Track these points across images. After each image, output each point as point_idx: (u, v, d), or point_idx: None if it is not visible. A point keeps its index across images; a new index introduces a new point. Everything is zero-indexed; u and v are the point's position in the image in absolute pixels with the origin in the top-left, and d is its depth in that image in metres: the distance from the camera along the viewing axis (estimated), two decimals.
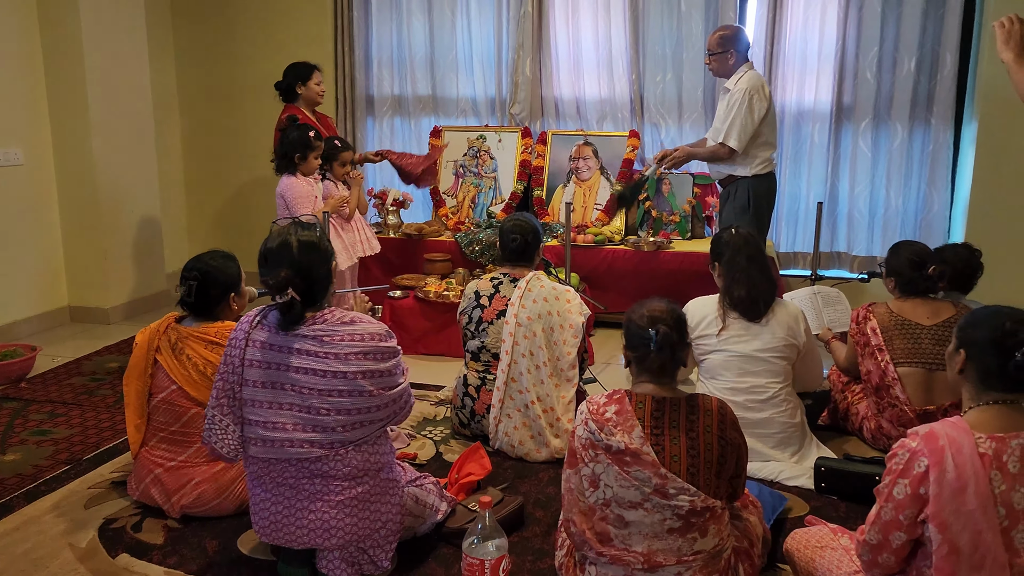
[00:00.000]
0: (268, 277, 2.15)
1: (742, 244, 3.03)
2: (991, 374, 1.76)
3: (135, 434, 2.69)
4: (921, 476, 1.72)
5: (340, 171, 4.33)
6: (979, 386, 1.79)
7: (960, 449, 1.70)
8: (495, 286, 3.24)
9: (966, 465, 1.68)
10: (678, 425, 1.99)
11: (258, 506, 2.24)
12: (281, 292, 2.11)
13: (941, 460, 1.70)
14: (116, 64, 4.93)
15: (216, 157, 5.84)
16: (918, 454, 1.73)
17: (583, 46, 5.21)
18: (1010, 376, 1.73)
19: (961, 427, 1.74)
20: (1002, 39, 2.47)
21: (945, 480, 1.69)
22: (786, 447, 2.97)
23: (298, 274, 2.14)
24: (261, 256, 2.19)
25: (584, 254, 4.70)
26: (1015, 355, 1.71)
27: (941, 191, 4.78)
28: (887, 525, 1.80)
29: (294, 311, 2.14)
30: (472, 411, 3.21)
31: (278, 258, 2.16)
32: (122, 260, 5.08)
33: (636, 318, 2.09)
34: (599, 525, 2.03)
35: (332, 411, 2.13)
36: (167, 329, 2.69)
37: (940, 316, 3.06)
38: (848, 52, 4.76)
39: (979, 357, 1.78)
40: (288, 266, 2.14)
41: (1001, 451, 1.70)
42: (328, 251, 2.25)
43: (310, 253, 2.18)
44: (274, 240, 2.19)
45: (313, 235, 2.22)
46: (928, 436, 1.74)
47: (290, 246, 2.16)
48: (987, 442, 1.71)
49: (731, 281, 3.00)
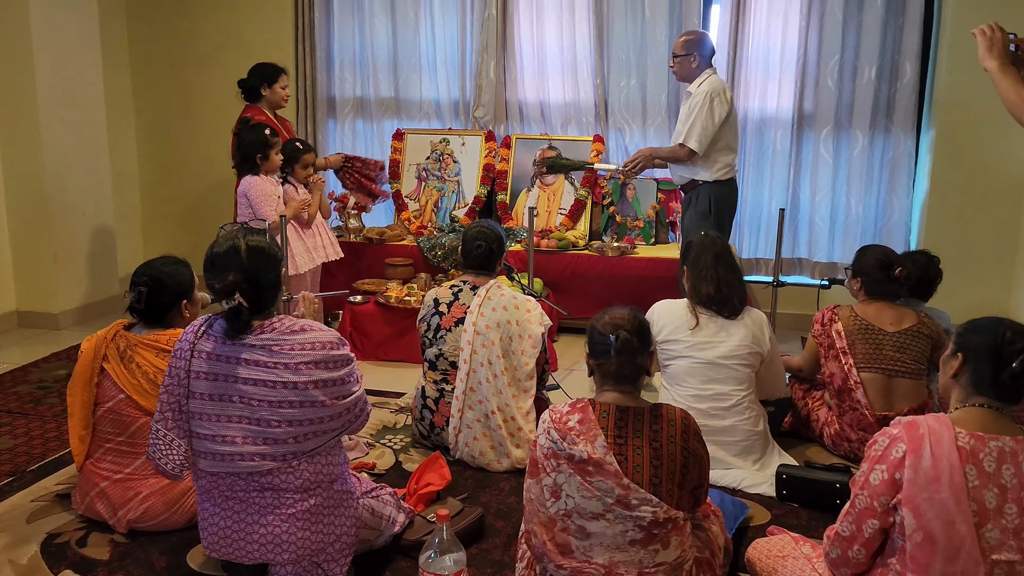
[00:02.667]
0: (215, 281, 2.08)
1: (708, 243, 3.06)
2: (984, 380, 1.79)
3: (79, 446, 2.59)
4: (898, 461, 1.75)
5: (302, 174, 4.26)
6: (970, 390, 1.82)
7: (940, 439, 1.73)
8: (455, 294, 3.19)
9: (943, 455, 1.71)
10: (641, 435, 1.97)
11: (207, 520, 2.16)
12: (228, 297, 2.05)
13: (919, 447, 1.73)
14: (67, 64, 4.80)
15: (173, 159, 5.72)
16: (897, 440, 1.76)
17: (547, 50, 5.19)
18: (1003, 384, 1.76)
19: (943, 421, 1.77)
20: (984, 47, 2.43)
21: (920, 467, 1.71)
22: (748, 455, 2.97)
23: (246, 279, 2.07)
24: (207, 261, 2.13)
25: (548, 259, 4.67)
26: (1012, 364, 1.74)
27: (902, 198, 4.84)
28: (862, 513, 1.81)
29: (241, 318, 2.07)
30: (431, 423, 3.15)
31: (225, 262, 2.09)
32: (73, 264, 4.95)
33: (599, 325, 2.08)
34: (560, 536, 2.00)
35: (283, 423, 2.06)
36: (115, 336, 2.60)
37: (903, 324, 3.08)
38: (810, 60, 4.79)
39: (975, 363, 1.80)
40: (236, 270, 2.07)
41: (979, 449, 1.73)
42: (277, 257, 2.19)
43: (259, 258, 2.12)
44: (222, 244, 2.12)
45: (263, 240, 2.17)
46: (910, 424, 1.78)
47: (239, 250, 2.10)
48: (966, 437, 1.74)
49: (698, 279, 3.01)
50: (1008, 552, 1.70)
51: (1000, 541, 1.70)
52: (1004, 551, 1.70)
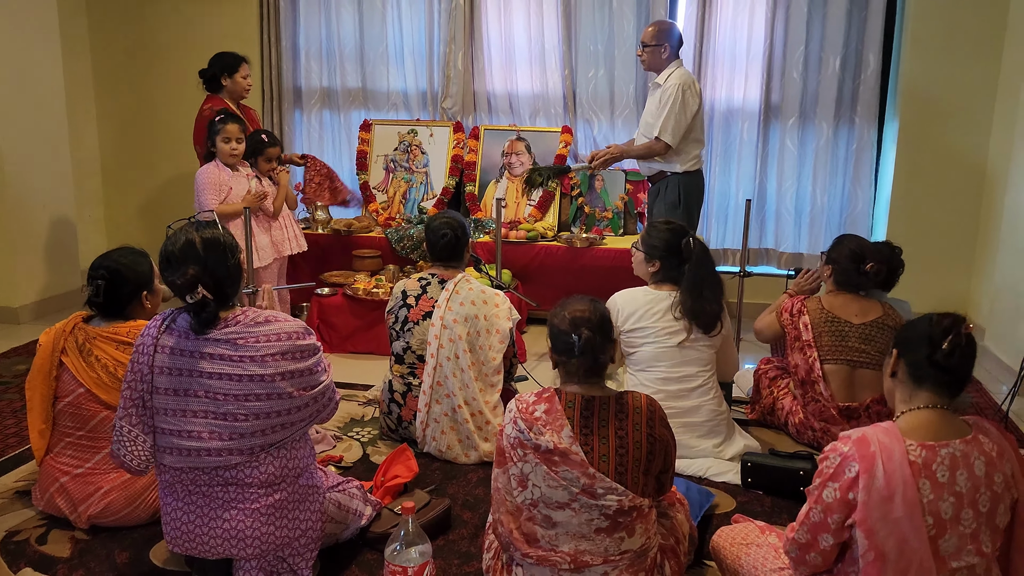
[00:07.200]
0: (175, 277, 2.04)
1: (705, 257, 2.96)
2: (921, 365, 1.77)
3: (39, 440, 2.54)
4: (851, 481, 1.72)
5: (265, 167, 4.21)
6: (910, 383, 1.80)
7: (891, 456, 1.69)
8: (423, 287, 3.17)
9: (895, 472, 1.68)
10: (607, 424, 1.97)
11: (170, 515, 2.13)
12: (191, 291, 2.01)
13: (871, 467, 1.69)
14: (24, 53, 4.69)
15: (136, 150, 5.62)
16: (849, 459, 1.73)
17: (515, 40, 5.17)
18: (940, 368, 1.75)
19: (893, 433, 1.73)
20: None
21: (874, 487, 1.69)
22: (714, 435, 3.00)
23: (206, 271, 2.04)
24: (163, 259, 2.08)
25: (516, 250, 4.66)
26: (941, 344, 1.74)
27: (865, 189, 4.90)
28: (816, 526, 1.80)
29: (208, 311, 2.04)
30: (399, 417, 3.13)
31: (182, 257, 2.05)
32: (32, 256, 4.85)
33: (558, 321, 2.05)
34: (526, 525, 2.00)
35: (250, 416, 2.04)
36: (74, 329, 2.55)
37: (868, 316, 3.12)
38: (776, 51, 4.83)
39: (910, 351, 1.80)
40: (194, 263, 2.04)
41: (931, 460, 1.70)
42: (233, 246, 2.15)
43: (215, 249, 2.08)
44: (176, 241, 2.08)
45: (216, 231, 2.13)
46: (860, 441, 1.73)
47: (194, 244, 2.06)
48: (918, 450, 1.71)
49: (698, 298, 2.92)
50: (968, 556, 1.70)
51: (959, 547, 1.70)
52: (964, 556, 1.70)
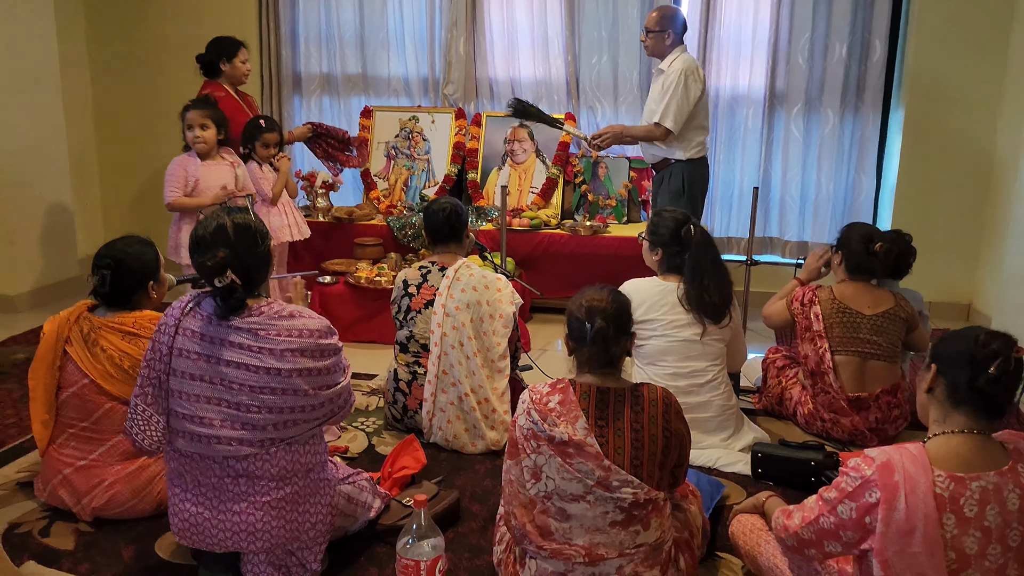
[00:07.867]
0: (205, 259, 2.02)
1: (706, 244, 2.92)
2: (960, 388, 1.67)
3: (42, 431, 2.50)
4: (869, 507, 1.66)
5: (263, 153, 4.15)
6: (947, 404, 1.71)
7: (915, 488, 1.61)
8: (423, 275, 3.14)
9: (918, 507, 1.61)
10: (622, 416, 1.95)
11: (177, 507, 2.11)
12: (220, 275, 1.99)
13: (892, 498, 1.62)
14: (18, 35, 4.61)
15: (133, 137, 5.55)
16: (871, 484, 1.66)
17: (518, 26, 5.11)
18: (980, 393, 1.65)
19: (920, 462, 1.64)
20: None
21: (893, 519, 1.62)
22: (723, 429, 2.98)
23: (235, 256, 2.02)
24: (193, 242, 2.08)
25: (520, 238, 4.62)
26: (988, 369, 1.63)
27: (869, 177, 4.87)
28: (825, 532, 1.76)
29: (235, 296, 2.02)
30: (404, 407, 3.11)
31: (213, 240, 2.04)
32: (29, 244, 4.80)
33: (575, 308, 2.04)
34: (540, 518, 1.97)
35: (262, 409, 2.01)
36: (79, 319, 2.51)
37: (880, 306, 3.09)
38: (781, 38, 4.78)
39: (950, 370, 1.70)
40: (224, 246, 2.02)
41: (959, 494, 1.61)
42: (264, 232, 2.14)
43: (245, 234, 2.07)
44: (207, 225, 2.07)
45: (248, 217, 2.12)
46: (884, 467, 1.65)
47: (225, 228, 2.05)
48: (946, 482, 1.62)
49: (698, 286, 2.88)
50: None
51: None
52: None
